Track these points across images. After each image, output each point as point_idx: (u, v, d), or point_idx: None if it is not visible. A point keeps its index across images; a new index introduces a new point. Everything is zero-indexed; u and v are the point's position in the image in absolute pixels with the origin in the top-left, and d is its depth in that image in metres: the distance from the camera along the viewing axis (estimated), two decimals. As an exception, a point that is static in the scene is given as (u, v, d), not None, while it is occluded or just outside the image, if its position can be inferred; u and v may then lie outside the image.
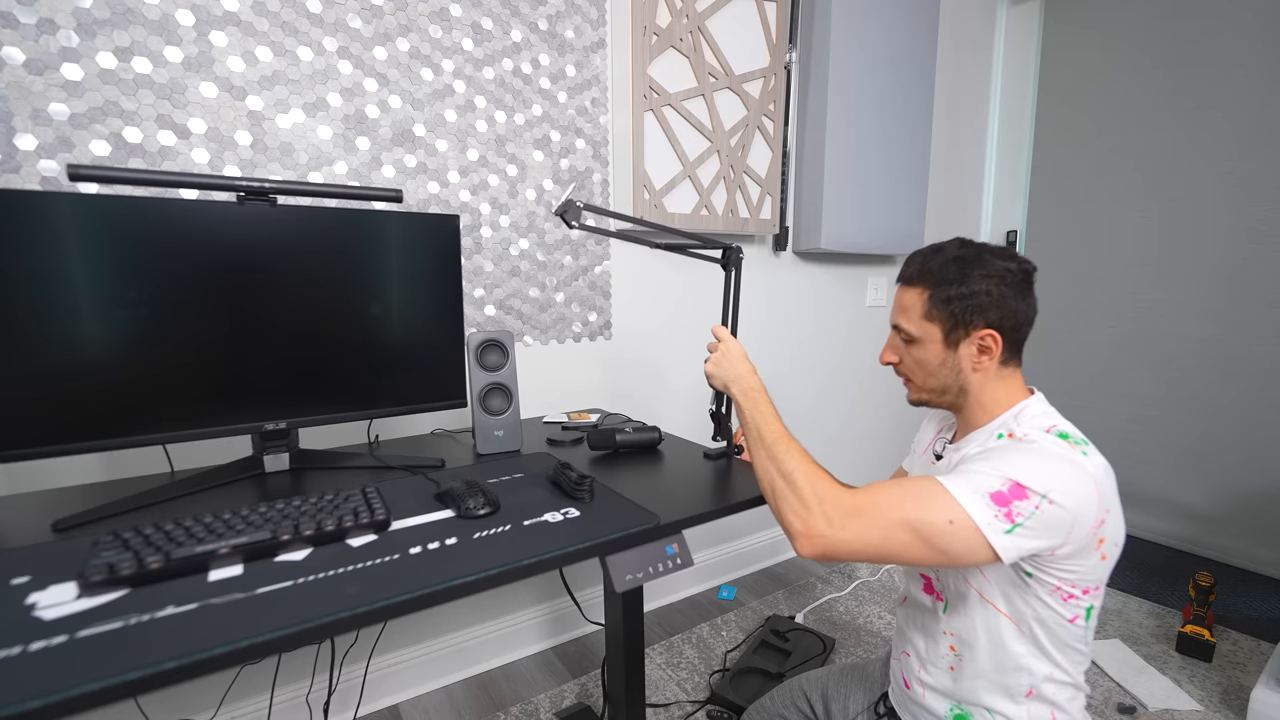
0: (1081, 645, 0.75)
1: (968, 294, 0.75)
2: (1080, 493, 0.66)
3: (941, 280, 0.76)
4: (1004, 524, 0.64)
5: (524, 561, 0.71)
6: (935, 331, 0.78)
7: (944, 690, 0.82)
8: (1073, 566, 0.69)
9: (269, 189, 0.94)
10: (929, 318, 0.78)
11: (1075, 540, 0.66)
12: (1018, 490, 0.65)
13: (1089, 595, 0.72)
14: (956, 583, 0.78)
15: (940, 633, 0.82)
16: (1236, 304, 2.09)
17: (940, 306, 0.77)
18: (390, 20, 1.32)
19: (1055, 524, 0.65)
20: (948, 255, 0.77)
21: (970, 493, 0.66)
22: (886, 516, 0.67)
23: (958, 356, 0.78)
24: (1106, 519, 0.68)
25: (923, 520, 0.66)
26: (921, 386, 0.83)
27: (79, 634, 0.55)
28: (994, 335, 0.75)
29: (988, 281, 0.75)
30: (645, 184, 1.66)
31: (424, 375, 1.12)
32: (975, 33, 2.54)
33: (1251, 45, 1.99)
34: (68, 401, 0.83)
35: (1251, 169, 2.02)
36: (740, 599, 2.00)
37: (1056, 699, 0.76)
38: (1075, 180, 2.46)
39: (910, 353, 0.82)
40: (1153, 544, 2.33)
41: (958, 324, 0.76)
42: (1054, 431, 0.71)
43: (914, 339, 0.80)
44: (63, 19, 1.02)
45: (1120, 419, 2.40)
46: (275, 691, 1.32)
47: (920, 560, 0.67)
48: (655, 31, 1.62)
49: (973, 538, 0.65)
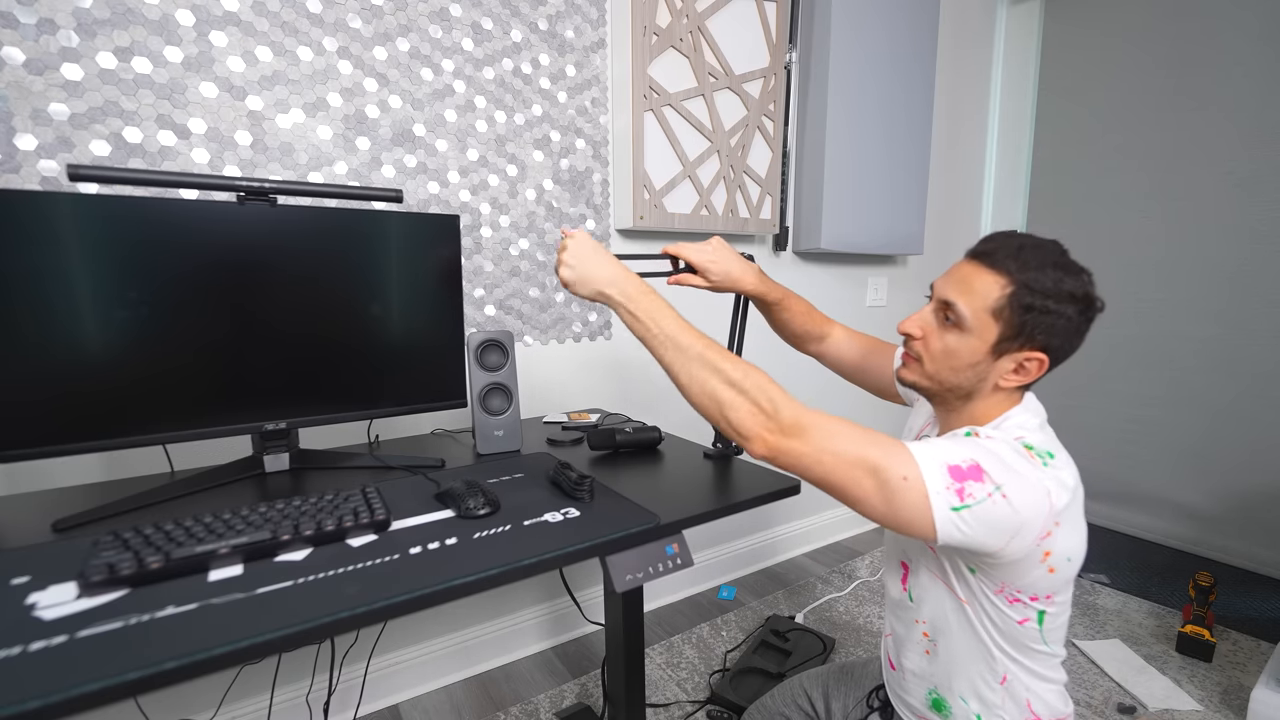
0: (1040, 646, 0.73)
1: (1053, 310, 0.66)
2: (1030, 499, 0.62)
3: (1035, 283, 0.66)
4: (952, 498, 0.61)
5: (524, 561, 0.71)
6: (993, 331, 0.68)
7: (922, 674, 0.82)
8: (1017, 574, 0.67)
9: (269, 189, 0.94)
10: (997, 314, 0.68)
11: (1018, 547, 0.63)
12: (976, 471, 0.62)
13: (1039, 602, 0.69)
14: (925, 571, 0.79)
15: (913, 620, 0.82)
16: (1238, 304, 2.09)
17: (1016, 310, 0.67)
18: (390, 20, 1.32)
19: (1000, 523, 0.61)
20: (1048, 256, 0.67)
21: (929, 458, 0.63)
22: (843, 447, 0.64)
23: (993, 366, 0.70)
24: (1055, 531, 0.64)
25: (881, 466, 0.62)
26: (931, 374, 0.74)
27: (79, 634, 0.55)
28: (1043, 361, 0.68)
29: (1073, 307, 0.66)
30: (645, 184, 1.66)
31: (424, 375, 1.11)
32: (975, 32, 2.54)
33: (1252, 45, 1.99)
34: (68, 402, 0.83)
35: (1252, 168, 2.02)
36: (740, 599, 2.00)
37: (1032, 687, 0.75)
38: (1076, 180, 2.46)
39: (944, 336, 0.72)
40: (1153, 544, 2.33)
41: (1020, 334, 0.67)
42: (1020, 441, 0.67)
43: (964, 326, 0.69)
44: (63, 19, 1.02)
45: (1121, 419, 2.40)
46: (275, 691, 1.32)
47: (867, 505, 0.64)
48: (655, 31, 1.62)
49: (920, 503, 0.61)
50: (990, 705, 0.76)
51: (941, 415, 0.80)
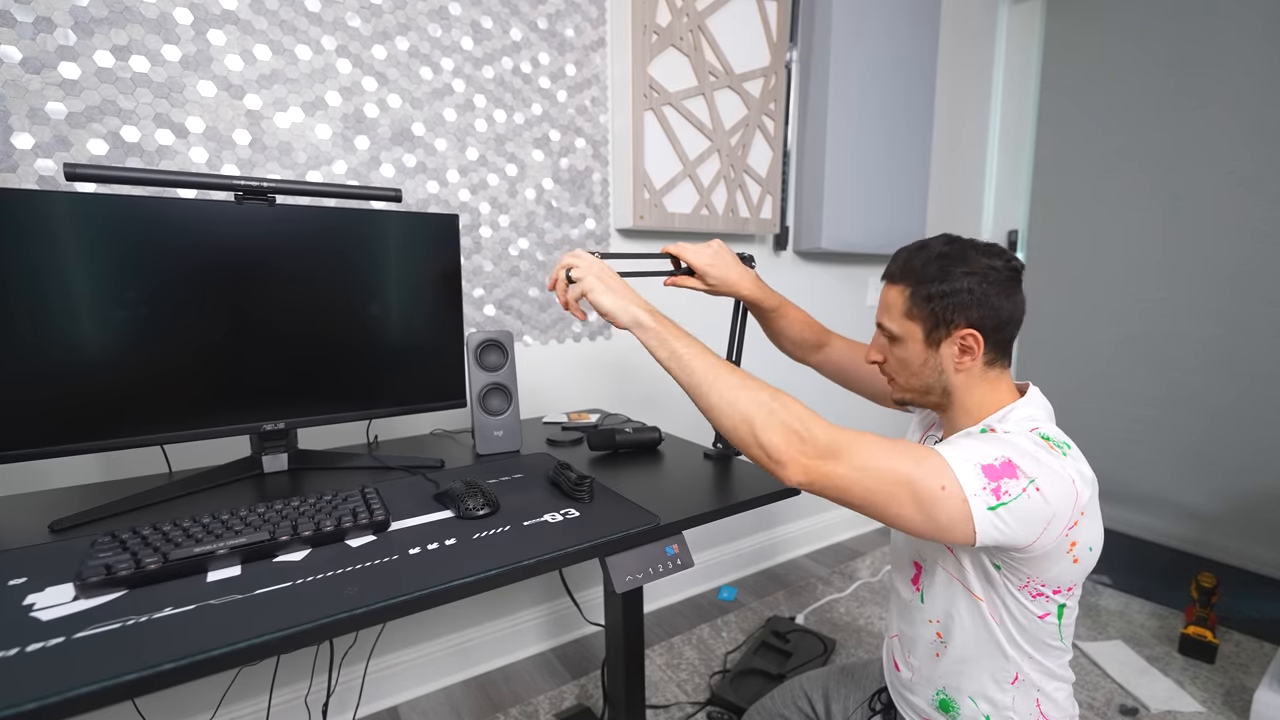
0: (1056, 642, 0.75)
1: (948, 292, 0.73)
2: (1060, 490, 0.64)
3: (923, 278, 0.75)
4: (989, 498, 0.62)
5: (524, 562, 0.70)
6: (916, 330, 0.77)
7: (930, 675, 0.82)
8: (1044, 567, 0.68)
9: (267, 188, 0.94)
10: (910, 316, 0.77)
11: (1048, 539, 0.65)
12: (1009, 467, 0.64)
13: (1060, 595, 0.71)
14: (941, 571, 0.79)
15: (924, 620, 0.82)
16: (1239, 304, 2.08)
17: (921, 305, 0.75)
18: (389, 19, 1.32)
19: (1034, 516, 0.63)
20: (931, 252, 0.76)
21: (963, 460, 0.64)
22: (880, 464, 0.65)
23: (939, 356, 0.76)
24: (1081, 521, 0.66)
25: (916, 479, 0.63)
26: (905, 386, 0.82)
27: (76, 635, 0.55)
28: (975, 335, 0.73)
29: (970, 279, 0.73)
30: (645, 183, 1.65)
31: (423, 375, 1.11)
32: (976, 31, 2.53)
33: (1254, 44, 1.98)
34: (65, 402, 0.83)
35: (1254, 168, 2.02)
36: (740, 600, 1.99)
37: (1043, 686, 0.76)
38: (1077, 180, 2.46)
39: (893, 351, 0.80)
40: (1155, 545, 2.32)
41: (939, 323, 0.75)
42: (1037, 432, 0.69)
43: (896, 337, 0.79)
44: (60, 17, 1.02)
45: (1122, 419, 2.39)
46: (274, 693, 1.31)
47: (906, 519, 0.65)
48: (655, 30, 1.61)
49: (960, 509, 0.62)
50: (1000, 706, 0.76)
51: (943, 418, 0.83)
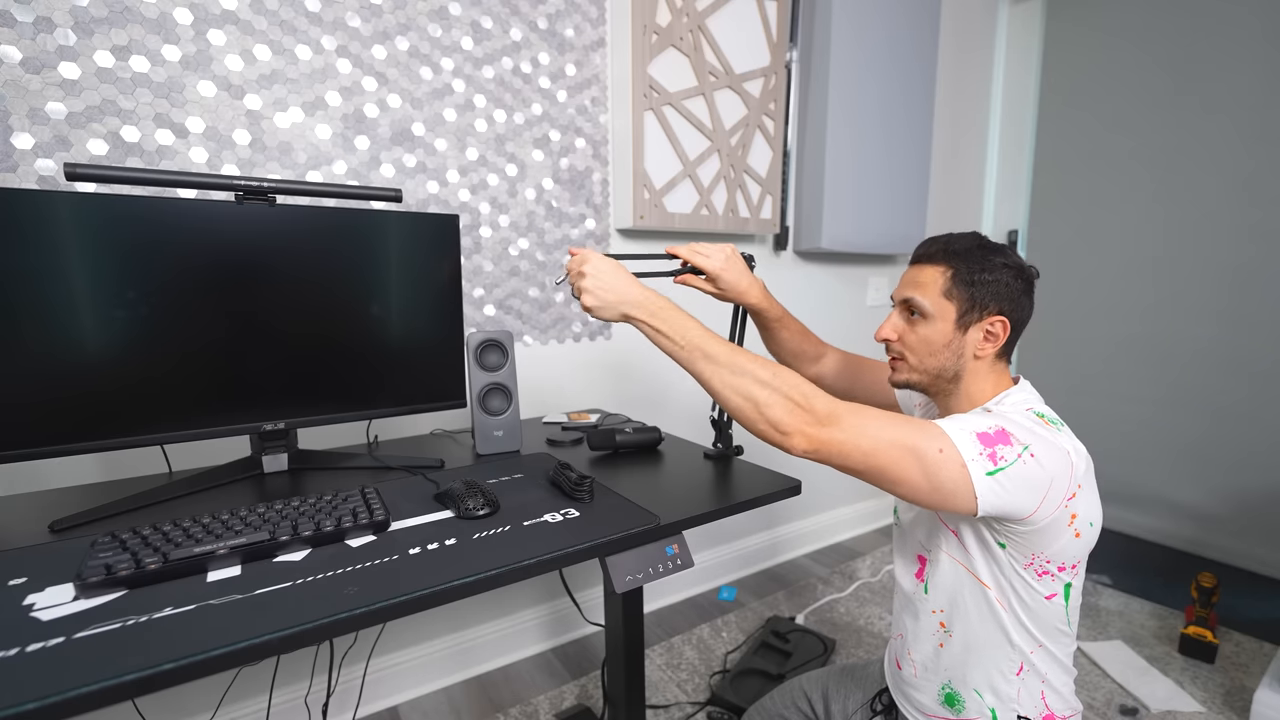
0: (1064, 626, 0.76)
1: (990, 280, 0.76)
2: (1055, 458, 0.67)
3: (967, 261, 0.77)
4: (986, 464, 0.65)
5: (524, 562, 0.70)
6: (951, 311, 0.78)
7: (934, 669, 0.82)
8: (1047, 540, 0.70)
9: (268, 188, 0.94)
10: (948, 296, 0.78)
11: (1048, 509, 0.67)
12: (1003, 435, 0.66)
13: (1065, 573, 0.73)
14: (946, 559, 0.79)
15: (928, 611, 0.83)
16: (1239, 304, 2.08)
17: (962, 287, 0.77)
18: (389, 19, 1.32)
19: (1032, 482, 0.65)
20: (971, 241, 0.79)
21: (958, 429, 0.67)
22: (880, 429, 0.67)
23: (964, 340, 0.78)
24: (1078, 494, 0.69)
25: (915, 443, 0.66)
26: (917, 367, 0.81)
27: (76, 635, 0.55)
28: (1004, 322, 0.76)
29: (1007, 273, 0.77)
30: (645, 183, 1.65)
31: (423, 375, 1.11)
32: (977, 31, 2.53)
33: (1255, 44, 1.99)
34: (65, 402, 0.83)
35: (1254, 168, 2.02)
36: (740, 600, 1.99)
37: (1048, 677, 0.76)
38: (1077, 180, 2.46)
39: (915, 330, 0.80)
40: (1155, 544, 2.33)
41: (974, 306, 0.77)
42: (1031, 411, 0.73)
43: (926, 315, 0.79)
44: (60, 17, 1.02)
45: (1122, 419, 2.39)
46: (274, 693, 1.31)
47: (910, 485, 0.67)
48: (655, 30, 1.61)
49: (959, 473, 0.65)
50: (1005, 698, 0.77)
51: (940, 405, 0.85)
